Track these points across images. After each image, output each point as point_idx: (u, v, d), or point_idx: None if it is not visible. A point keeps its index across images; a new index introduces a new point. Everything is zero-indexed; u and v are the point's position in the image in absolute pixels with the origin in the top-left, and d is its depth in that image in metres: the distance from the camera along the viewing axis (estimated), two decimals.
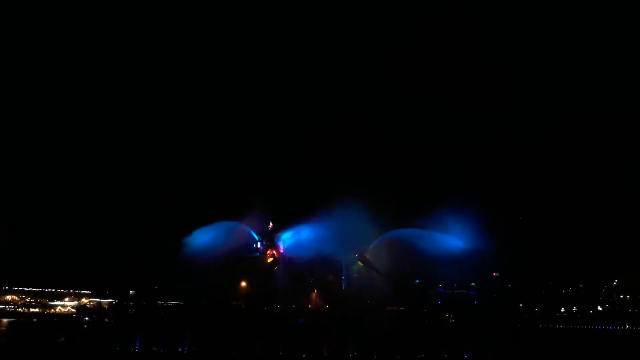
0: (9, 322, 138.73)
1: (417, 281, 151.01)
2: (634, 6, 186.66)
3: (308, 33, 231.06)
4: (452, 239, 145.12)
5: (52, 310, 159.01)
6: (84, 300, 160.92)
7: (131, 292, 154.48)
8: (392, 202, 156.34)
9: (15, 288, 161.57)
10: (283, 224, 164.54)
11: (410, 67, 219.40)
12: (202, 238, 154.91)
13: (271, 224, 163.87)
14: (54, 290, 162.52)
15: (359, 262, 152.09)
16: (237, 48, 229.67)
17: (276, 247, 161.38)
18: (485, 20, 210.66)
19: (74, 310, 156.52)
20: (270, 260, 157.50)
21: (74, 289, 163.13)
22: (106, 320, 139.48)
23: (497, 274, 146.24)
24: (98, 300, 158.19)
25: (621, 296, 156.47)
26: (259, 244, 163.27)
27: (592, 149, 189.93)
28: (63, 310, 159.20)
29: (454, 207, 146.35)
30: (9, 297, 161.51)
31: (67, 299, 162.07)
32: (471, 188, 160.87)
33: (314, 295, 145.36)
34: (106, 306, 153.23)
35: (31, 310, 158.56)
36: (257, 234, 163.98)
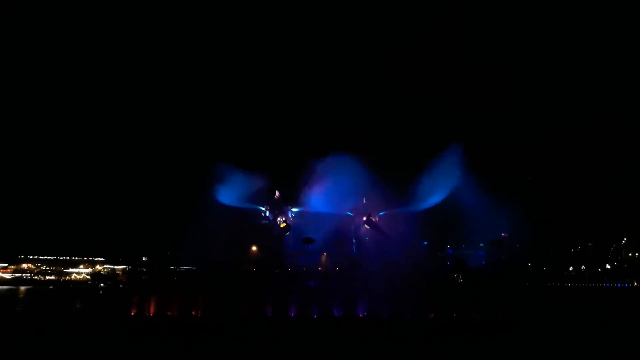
0: (27, 289, 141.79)
1: (425, 243, 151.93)
2: (634, 6, 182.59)
3: (309, 31, 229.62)
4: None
5: (68, 277, 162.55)
6: (98, 267, 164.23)
7: (144, 258, 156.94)
8: (401, 166, 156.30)
9: (31, 257, 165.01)
10: (290, 192, 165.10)
11: (410, 67, 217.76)
12: (212, 204, 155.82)
13: (277, 193, 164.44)
14: (68, 258, 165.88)
15: (365, 225, 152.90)
16: (239, 45, 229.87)
17: (286, 215, 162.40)
18: (485, 21, 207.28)
19: (88, 277, 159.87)
20: (283, 226, 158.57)
21: (87, 257, 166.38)
22: (120, 286, 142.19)
23: (506, 234, 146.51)
24: (112, 266, 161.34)
25: (629, 254, 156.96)
26: (267, 212, 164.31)
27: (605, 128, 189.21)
28: (78, 277, 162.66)
29: (464, 169, 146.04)
30: (25, 266, 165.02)
31: (81, 266, 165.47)
32: (481, 148, 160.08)
33: (323, 258, 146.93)
34: (120, 272, 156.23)
35: (47, 277, 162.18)
36: (264, 204, 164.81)
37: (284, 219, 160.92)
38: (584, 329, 72.60)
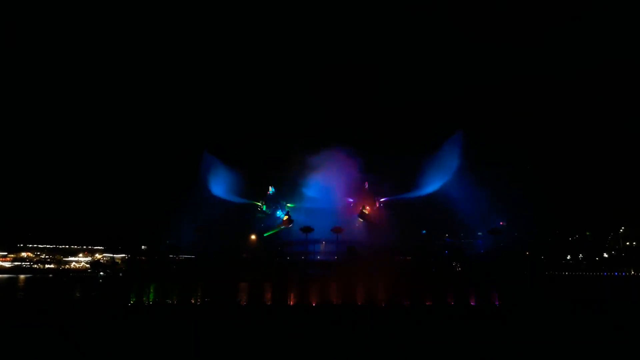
0: (26, 278, 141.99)
1: (423, 232, 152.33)
2: None
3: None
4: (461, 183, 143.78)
5: (67, 266, 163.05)
6: (98, 256, 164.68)
7: (143, 247, 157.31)
8: (396, 154, 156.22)
9: (30, 245, 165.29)
10: (286, 185, 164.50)
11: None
12: (211, 196, 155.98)
13: (271, 189, 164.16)
14: (67, 246, 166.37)
15: (359, 219, 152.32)
16: (235, 41, 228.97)
17: (282, 208, 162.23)
18: None
19: (88, 265, 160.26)
20: (285, 219, 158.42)
21: (87, 246, 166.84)
22: (120, 274, 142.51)
23: (504, 223, 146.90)
24: (111, 255, 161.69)
25: (627, 243, 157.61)
26: (263, 207, 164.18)
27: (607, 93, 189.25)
28: (77, 266, 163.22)
29: (464, 158, 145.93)
30: (24, 254, 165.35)
31: (81, 255, 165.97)
32: (480, 137, 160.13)
33: (322, 246, 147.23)
34: (119, 261, 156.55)
35: (46, 266, 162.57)
36: (260, 198, 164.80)
37: (285, 211, 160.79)
38: (581, 318, 73.11)
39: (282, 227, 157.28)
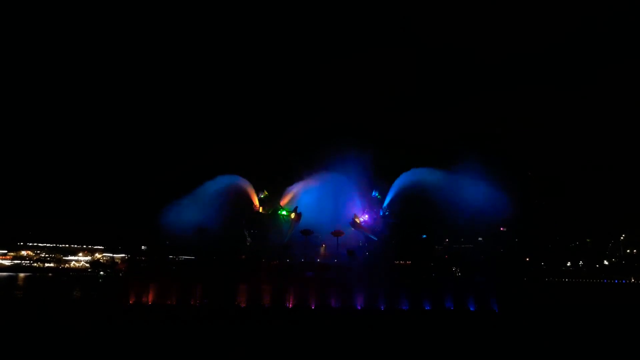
0: (26, 276, 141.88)
1: (424, 236, 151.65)
2: None
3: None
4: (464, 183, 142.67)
5: (67, 265, 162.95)
6: (97, 256, 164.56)
7: (143, 247, 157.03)
8: (400, 158, 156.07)
9: (30, 244, 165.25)
10: (281, 189, 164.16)
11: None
12: (210, 198, 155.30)
13: (265, 192, 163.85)
14: (67, 245, 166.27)
15: (352, 227, 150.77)
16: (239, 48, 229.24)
17: (274, 206, 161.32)
18: None
19: (87, 265, 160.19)
20: (292, 216, 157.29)
21: (87, 245, 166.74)
22: (120, 274, 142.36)
23: (504, 229, 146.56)
24: (111, 255, 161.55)
25: (628, 250, 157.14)
26: (260, 209, 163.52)
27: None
28: (77, 265, 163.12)
29: (465, 163, 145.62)
30: (24, 253, 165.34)
31: (80, 254, 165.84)
32: (480, 144, 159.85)
33: (322, 249, 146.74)
34: (119, 261, 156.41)
35: (46, 265, 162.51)
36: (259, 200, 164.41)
37: (292, 208, 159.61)
38: (580, 324, 72.99)
39: (295, 224, 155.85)
